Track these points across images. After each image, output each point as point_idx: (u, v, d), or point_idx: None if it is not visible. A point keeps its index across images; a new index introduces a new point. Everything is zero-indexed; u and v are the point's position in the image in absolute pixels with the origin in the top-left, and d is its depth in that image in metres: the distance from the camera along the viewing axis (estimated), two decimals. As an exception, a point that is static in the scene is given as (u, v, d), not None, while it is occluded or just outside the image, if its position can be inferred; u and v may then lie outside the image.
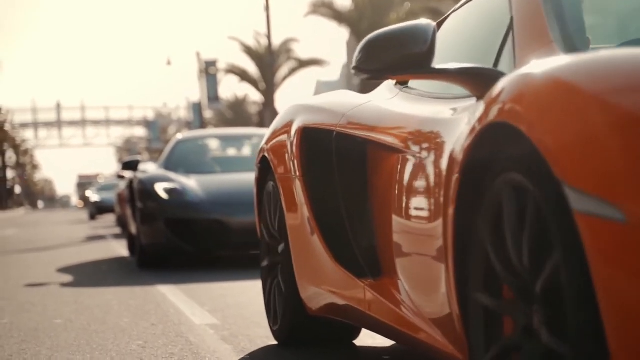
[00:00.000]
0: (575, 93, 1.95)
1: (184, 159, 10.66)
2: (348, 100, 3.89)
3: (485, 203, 2.35)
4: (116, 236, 17.94)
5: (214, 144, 11.46)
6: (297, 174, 3.87)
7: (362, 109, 3.68)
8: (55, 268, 9.97)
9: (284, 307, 4.15)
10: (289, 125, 4.09)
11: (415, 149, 3.05)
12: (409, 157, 3.09)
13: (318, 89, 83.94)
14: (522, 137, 2.06)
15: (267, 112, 40.44)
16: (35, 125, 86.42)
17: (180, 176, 9.78)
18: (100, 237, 18.24)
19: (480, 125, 2.31)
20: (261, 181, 4.50)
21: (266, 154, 4.30)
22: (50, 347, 4.56)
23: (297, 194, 3.87)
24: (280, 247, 4.20)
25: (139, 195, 9.54)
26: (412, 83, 3.64)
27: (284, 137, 4.10)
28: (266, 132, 12.10)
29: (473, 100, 2.80)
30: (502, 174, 2.27)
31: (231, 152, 11.55)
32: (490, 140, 2.31)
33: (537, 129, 2.00)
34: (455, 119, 2.80)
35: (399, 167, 3.15)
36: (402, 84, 3.72)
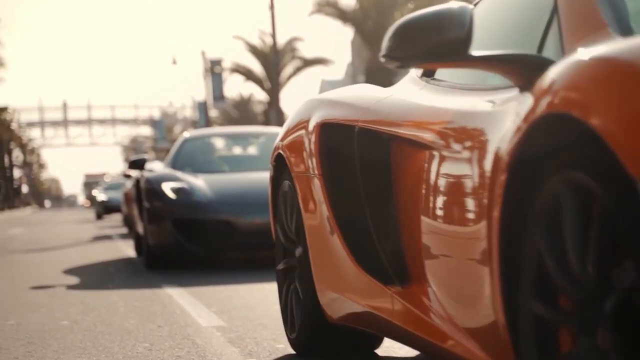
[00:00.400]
0: None
1: (191, 158, 10.43)
2: (370, 94, 3.60)
3: (538, 204, 2.12)
4: (123, 236, 17.92)
5: (221, 143, 11.22)
6: (316, 172, 3.60)
7: (387, 103, 3.39)
8: (62, 268, 9.96)
9: (302, 314, 3.90)
10: (306, 120, 3.81)
11: (449, 144, 2.80)
12: (440, 153, 2.83)
13: (322, 88, 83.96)
14: (582, 129, 1.85)
15: (272, 111, 40.42)
16: (42, 124, 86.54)
17: (188, 175, 9.55)
18: (107, 237, 18.23)
19: (531, 119, 2.08)
20: (276, 180, 4.23)
21: (282, 152, 4.01)
22: (57, 350, 4.55)
23: (316, 194, 3.59)
24: (298, 250, 3.93)
25: (146, 194, 9.33)
26: (440, 74, 3.37)
27: (301, 133, 3.82)
28: (278, 129, 11.28)
29: (515, 91, 2.54)
30: (559, 172, 2.04)
31: (239, 150, 11.27)
32: (543, 134, 2.08)
33: (603, 120, 1.77)
34: (497, 111, 2.56)
35: (429, 164, 2.90)
36: (429, 75, 3.44)
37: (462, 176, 2.65)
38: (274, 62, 33.31)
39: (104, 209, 33.78)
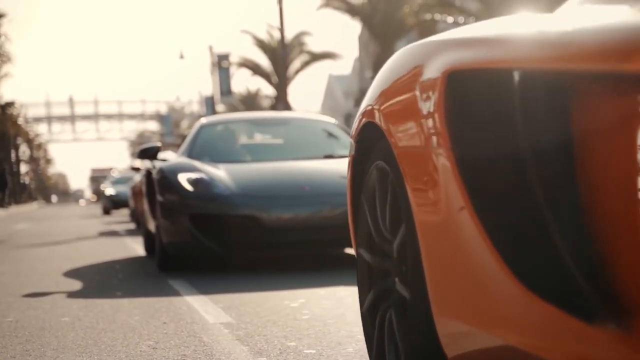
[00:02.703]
0: None
1: (210, 146, 9.28)
2: (530, 24, 2.16)
3: None
4: (130, 232, 17.70)
5: (243, 130, 10.01)
6: (442, 145, 2.27)
7: (572, 34, 1.95)
8: (66, 264, 9.75)
9: (405, 351, 2.65)
10: (418, 71, 2.51)
11: None
12: None
13: (330, 83, 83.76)
14: None
15: (279, 106, 40.18)
16: (49, 119, 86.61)
17: (207, 165, 8.41)
18: (113, 233, 18.03)
19: None
20: (360, 162, 3.04)
21: (376, 120, 2.79)
22: (56, 348, 4.33)
23: (441, 177, 2.29)
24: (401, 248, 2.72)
25: (160, 187, 8.23)
26: None
27: (410, 91, 2.51)
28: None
29: None
30: None
31: (263, 138, 10.04)
32: None
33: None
34: None
35: None
36: None
37: None
38: (281, 56, 33.04)
39: (112, 204, 32.96)
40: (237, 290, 6.45)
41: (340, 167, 8.19)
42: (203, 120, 10.11)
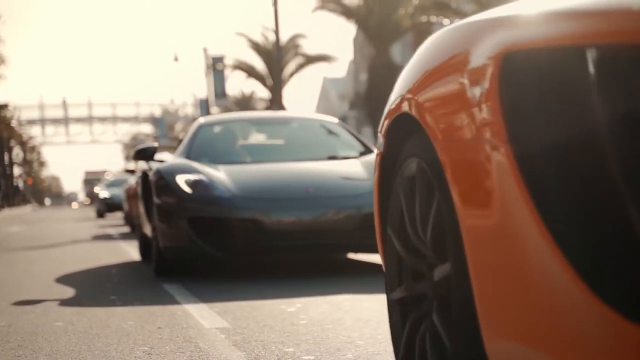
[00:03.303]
0: None
1: (208, 147, 8.88)
2: None
3: None
4: (124, 235, 17.56)
5: (243, 130, 9.57)
6: (497, 138, 1.90)
7: None
8: (59, 267, 9.65)
9: None
10: (462, 55, 2.13)
11: None
12: None
13: (324, 86, 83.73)
14: None
15: (274, 109, 40.10)
16: (42, 121, 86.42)
17: (206, 166, 8.04)
18: (107, 236, 17.92)
19: None
20: (391, 158, 2.68)
21: (411, 112, 2.41)
22: (49, 354, 4.23)
23: (496, 175, 1.90)
24: (440, 270, 2.37)
25: (157, 189, 7.86)
26: None
27: (455, 78, 2.13)
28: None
29: None
30: None
31: (264, 138, 9.64)
32: None
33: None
34: None
35: None
36: None
37: None
38: (277, 58, 32.94)
39: (107, 207, 32.54)
40: (233, 294, 6.35)
41: (344, 168, 7.97)
42: (201, 119, 9.69)
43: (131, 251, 11.80)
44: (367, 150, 8.79)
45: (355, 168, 7.95)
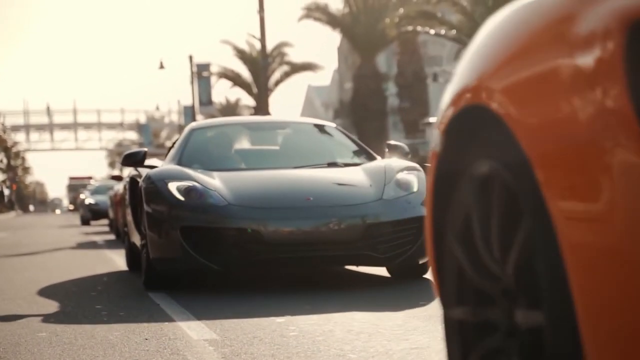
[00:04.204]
0: None
1: (201, 152, 8.40)
2: None
3: None
4: (109, 243, 17.38)
5: (236, 134, 9.07)
6: (623, 131, 1.41)
7: None
8: (44, 275, 9.52)
9: None
10: (565, 26, 1.59)
11: None
12: None
13: (309, 94, 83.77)
14: None
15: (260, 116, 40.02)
16: (27, 127, 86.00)
17: (200, 173, 7.55)
18: (92, 244, 17.76)
19: None
20: (453, 158, 2.09)
21: (486, 101, 1.84)
22: (33, 366, 4.13)
23: (620, 182, 1.40)
24: (527, 315, 1.74)
25: (147, 196, 7.37)
26: None
27: (557, 55, 1.59)
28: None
29: None
30: None
31: (258, 144, 9.18)
32: None
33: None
34: None
35: None
36: None
37: None
38: (263, 66, 32.84)
39: (92, 214, 31.84)
40: (220, 304, 6.24)
41: (346, 175, 7.55)
42: (194, 123, 9.25)
43: (116, 259, 11.67)
44: (369, 156, 8.35)
45: (357, 175, 7.54)
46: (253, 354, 4.25)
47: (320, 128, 9.12)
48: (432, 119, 46.39)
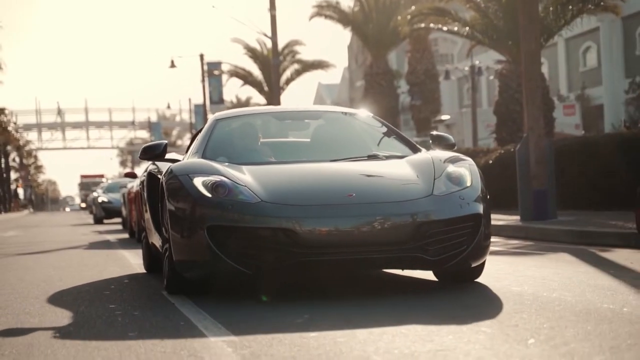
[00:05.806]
0: None
1: (226, 144, 7.68)
2: None
3: None
4: (122, 242, 17.19)
5: (264, 125, 8.36)
6: None
7: None
8: (55, 274, 9.42)
9: None
10: None
11: None
12: None
13: (319, 92, 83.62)
14: None
15: (272, 114, 39.88)
16: (39, 126, 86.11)
17: (227, 167, 6.81)
18: (106, 242, 17.66)
19: None
20: None
21: None
22: (46, 368, 4.01)
23: None
24: None
25: (170, 192, 6.64)
26: None
27: None
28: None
29: None
30: None
31: (288, 134, 8.53)
32: None
33: None
34: None
35: None
36: None
37: None
38: (274, 64, 32.71)
39: (105, 212, 31.52)
40: (237, 303, 6.11)
41: (390, 169, 6.81)
42: (218, 113, 8.46)
43: (130, 258, 11.56)
44: (412, 148, 7.61)
45: (403, 169, 6.80)
46: (273, 355, 4.12)
47: (354, 117, 8.39)
48: (443, 117, 46.24)
